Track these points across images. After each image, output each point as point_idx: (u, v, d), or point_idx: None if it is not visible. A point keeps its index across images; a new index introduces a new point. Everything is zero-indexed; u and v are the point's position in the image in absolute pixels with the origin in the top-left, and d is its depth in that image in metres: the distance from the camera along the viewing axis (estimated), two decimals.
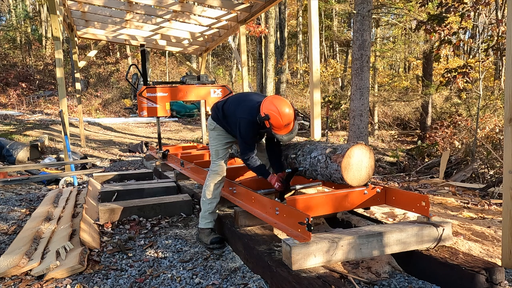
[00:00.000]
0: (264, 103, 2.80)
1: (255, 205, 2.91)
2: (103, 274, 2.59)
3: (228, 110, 3.08)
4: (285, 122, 2.74)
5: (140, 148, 10.35)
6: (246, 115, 2.89)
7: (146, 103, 6.12)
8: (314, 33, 4.95)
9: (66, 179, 5.80)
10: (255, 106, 2.89)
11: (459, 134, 9.65)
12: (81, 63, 10.81)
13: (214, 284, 2.41)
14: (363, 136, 7.82)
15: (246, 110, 2.92)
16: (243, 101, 3.06)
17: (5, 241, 3.32)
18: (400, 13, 13.80)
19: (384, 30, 23.06)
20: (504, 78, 2.98)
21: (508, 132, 2.47)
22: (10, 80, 20.85)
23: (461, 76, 7.57)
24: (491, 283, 2.09)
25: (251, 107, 2.91)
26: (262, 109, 2.78)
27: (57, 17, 6.30)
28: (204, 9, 7.90)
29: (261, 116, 2.74)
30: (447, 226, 2.42)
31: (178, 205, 3.96)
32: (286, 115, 2.74)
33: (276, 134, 2.80)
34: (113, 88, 21.64)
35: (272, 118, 2.72)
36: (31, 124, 13.27)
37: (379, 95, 16.04)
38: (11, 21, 26.44)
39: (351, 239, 2.23)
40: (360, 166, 2.69)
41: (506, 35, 2.42)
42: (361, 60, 7.70)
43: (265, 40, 17.89)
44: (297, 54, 26.07)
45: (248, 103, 2.98)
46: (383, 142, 13.90)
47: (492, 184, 5.41)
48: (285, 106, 2.76)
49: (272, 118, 2.72)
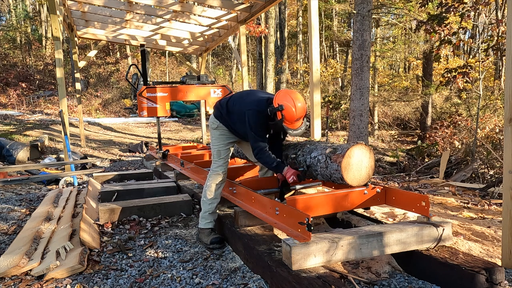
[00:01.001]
0: (279, 95, 2.84)
1: (255, 205, 2.91)
2: (103, 274, 2.59)
3: (233, 106, 3.08)
4: (298, 116, 2.77)
5: (140, 148, 10.35)
6: (254, 106, 2.91)
7: (146, 103, 6.12)
8: (314, 33, 4.95)
9: (66, 179, 5.79)
10: (263, 99, 2.94)
11: (459, 134, 9.65)
12: (81, 63, 10.81)
13: (214, 284, 2.41)
14: (363, 136, 7.82)
15: (254, 102, 2.95)
16: (249, 96, 3.09)
17: (5, 241, 3.32)
18: (400, 13, 13.80)
19: (384, 30, 23.06)
20: (504, 78, 2.98)
21: (508, 132, 2.47)
22: (10, 80, 20.85)
23: (461, 76, 7.58)
24: (491, 283, 2.09)
25: (259, 100, 2.94)
26: (276, 99, 2.80)
27: (57, 17, 6.30)
28: (204, 9, 7.90)
29: (274, 107, 2.76)
30: (447, 226, 2.42)
31: (178, 205, 3.96)
32: (300, 108, 2.77)
33: (286, 127, 2.80)
34: (113, 88, 21.64)
35: (286, 110, 2.74)
36: (31, 124, 13.27)
37: (379, 95, 16.04)
38: (11, 21, 26.44)
39: (351, 239, 2.23)
40: (360, 166, 2.69)
41: (506, 35, 2.42)
42: (361, 60, 7.70)
43: (265, 40, 17.89)
44: (297, 54, 26.05)
45: (255, 97, 3.02)
46: (383, 142, 13.90)
47: (492, 184, 5.41)
48: (300, 100, 2.80)
49: (286, 110, 2.74)
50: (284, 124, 2.79)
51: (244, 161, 4.52)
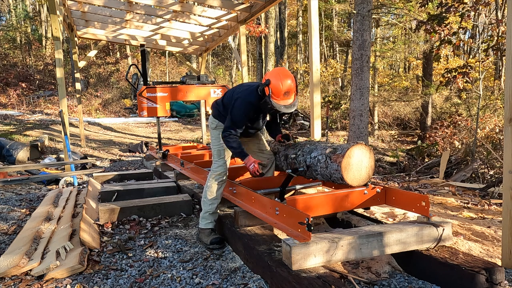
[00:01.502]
0: (268, 72, 2.92)
1: (255, 205, 2.91)
2: (103, 274, 2.59)
3: (227, 99, 3.15)
4: (284, 89, 2.80)
5: (140, 148, 10.34)
6: (242, 95, 2.99)
7: (146, 103, 6.12)
8: (314, 33, 4.95)
9: (66, 179, 5.79)
10: (253, 86, 3.02)
11: (459, 134, 9.65)
12: (81, 63, 10.81)
13: (214, 284, 2.41)
14: (363, 136, 7.82)
15: (244, 91, 3.03)
16: (241, 86, 3.18)
17: (5, 241, 3.32)
18: (400, 13, 13.80)
19: (384, 30, 23.05)
20: (504, 78, 2.98)
21: (508, 132, 2.47)
22: (10, 80, 20.84)
23: (461, 76, 7.58)
24: (491, 283, 2.09)
25: (248, 89, 3.03)
26: (264, 77, 2.89)
27: (57, 17, 6.30)
28: (204, 9, 7.90)
29: (263, 83, 2.85)
30: (447, 226, 2.42)
31: (178, 205, 3.96)
32: (286, 83, 2.81)
33: (275, 102, 2.82)
34: (113, 88, 21.64)
35: (272, 84, 2.80)
36: (31, 124, 13.26)
37: (379, 95, 16.04)
38: (11, 21, 26.43)
39: (351, 239, 2.23)
40: (360, 166, 2.69)
41: (506, 35, 2.42)
42: (361, 60, 7.70)
43: (265, 40, 17.88)
44: (297, 54, 26.04)
45: (246, 87, 3.10)
46: (383, 142, 13.90)
47: (492, 184, 5.41)
48: (286, 75, 2.84)
49: (272, 84, 2.80)
50: (272, 100, 2.82)
51: None
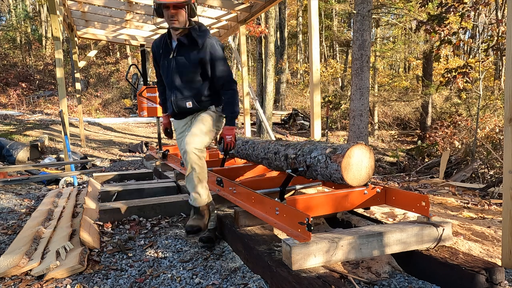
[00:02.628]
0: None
1: (255, 205, 2.91)
2: (103, 274, 2.59)
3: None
4: None
5: (140, 148, 10.35)
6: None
7: (146, 103, 6.12)
8: (314, 33, 4.95)
9: (66, 179, 5.79)
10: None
11: (459, 134, 9.65)
12: (81, 63, 10.81)
13: (214, 284, 2.41)
14: (363, 136, 7.83)
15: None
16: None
17: (5, 241, 3.32)
18: (400, 13, 13.80)
19: (384, 30, 23.06)
20: (504, 78, 2.98)
21: (508, 132, 2.47)
22: (10, 80, 20.86)
23: (461, 76, 7.58)
24: (491, 283, 2.09)
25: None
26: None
27: (57, 17, 6.30)
28: (204, 9, 7.89)
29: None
30: (447, 226, 2.42)
31: (178, 205, 3.96)
32: None
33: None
34: (113, 88, 21.65)
35: None
36: (31, 124, 13.27)
37: (379, 95, 16.05)
38: (11, 21, 26.45)
39: (351, 239, 2.23)
40: (360, 166, 2.69)
41: (506, 35, 2.42)
42: (361, 60, 7.70)
43: (265, 40, 17.88)
44: (297, 54, 26.06)
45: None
46: (383, 142, 13.91)
47: (492, 184, 5.41)
48: None
49: None
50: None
51: (244, 161, 4.52)
